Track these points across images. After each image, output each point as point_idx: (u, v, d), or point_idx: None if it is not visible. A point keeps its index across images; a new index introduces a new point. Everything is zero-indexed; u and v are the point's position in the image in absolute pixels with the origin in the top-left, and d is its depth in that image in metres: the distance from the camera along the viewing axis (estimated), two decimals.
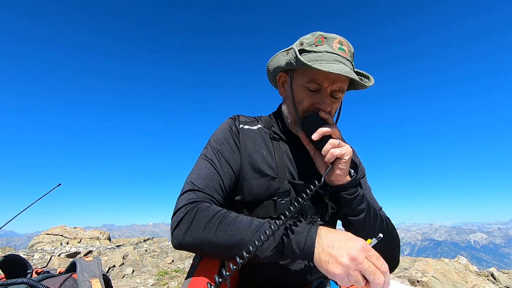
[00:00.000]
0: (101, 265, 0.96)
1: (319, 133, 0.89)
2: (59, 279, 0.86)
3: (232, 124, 1.04)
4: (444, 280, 3.31)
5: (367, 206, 0.93)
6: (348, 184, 0.90)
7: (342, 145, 0.88)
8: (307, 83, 0.93)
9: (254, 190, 0.95)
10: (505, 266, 64.81)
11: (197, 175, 0.90)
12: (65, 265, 2.82)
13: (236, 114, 1.10)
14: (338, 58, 0.90)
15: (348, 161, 0.88)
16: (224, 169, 0.93)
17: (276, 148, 1.01)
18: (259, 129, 1.06)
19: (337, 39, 0.92)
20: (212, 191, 0.88)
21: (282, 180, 0.95)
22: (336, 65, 0.87)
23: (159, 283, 4.23)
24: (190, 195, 0.85)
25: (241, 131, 1.03)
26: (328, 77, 0.90)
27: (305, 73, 0.93)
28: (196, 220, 0.77)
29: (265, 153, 1.00)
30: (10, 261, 0.95)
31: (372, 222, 0.92)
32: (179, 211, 0.81)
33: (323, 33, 0.94)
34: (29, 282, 0.75)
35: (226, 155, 0.96)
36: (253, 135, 1.03)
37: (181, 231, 0.78)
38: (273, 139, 1.04)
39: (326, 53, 0.90)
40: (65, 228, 9.51)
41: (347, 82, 0.95)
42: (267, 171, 0.96)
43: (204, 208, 0.79)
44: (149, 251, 6.71)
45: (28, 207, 1.49)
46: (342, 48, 0.92)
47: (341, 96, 0.97)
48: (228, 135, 1.01)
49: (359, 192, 0.92)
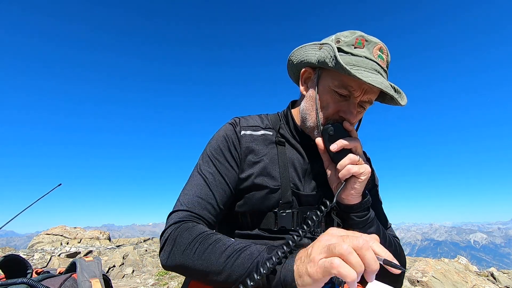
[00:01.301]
0: (101, 265, 0.96)
1: (339, 144, 0.80)
2: (59, 279, 0.86)
3: (231, 132, 0.94)
4: (444, 280, 3.31)
5: (376, 229, 0.86)
6: (359, 205, 0.84)
7: (361, 163, 0.81)
8: (337, 88, 0.83)
9: (254, 202, 0.88)
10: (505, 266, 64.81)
11: (188, 192, 0.86)
12: (65, 265, 2.82)
13: (236, 118, 1.00)
14: (377, 67, 0.81)
15: (364, 182, 0.81)
16: (218, 184, 0.87)
17: (281, 154, 0.92)
18: (263, 135, 0.96)
19: (378, 44, 0.83)
20: (201, 210, 0.83)
21: (285, 190, 0.88)
22: (375, 75, 0.78)
23: (159, 283, 4.23)
24: (177, 215, 0.81)
25: (242, 138, 0.93)
26: (362, 86, 0.81)
27: (337, 76, 0.82)
28: (177, 243, 0.73)
29: (268, 162, 0.91)
30: (10, 261, 0.94)
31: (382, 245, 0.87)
32: (165, 233, 0.78)
33: (364, 35, 0.84)
34: (29, 282, 0.75)
35: (221, 168, 0.89)
36: (255, 142, 0.93)
37: (164, 254, 0.75)
38: (278, 144, 0.94)
39: (365, 59, 0.81)
40: (65, 228, 9.51)
41: (377, 94, 0.86)
42: (269, 182, 0.88)
43: (187, 229, 0.75)
44: (149, 251, 6.71)
45: (28, 207, 1.49)
46: (382, 56, 0.83)
47: (367, 108, 0.89)
48: (224, 145, 0.92)
49: (370, 215, 0.86)
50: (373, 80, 0.75)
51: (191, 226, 0.75)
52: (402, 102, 0.85)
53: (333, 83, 0.83)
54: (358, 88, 0.81)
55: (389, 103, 0.91)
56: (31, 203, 1.50)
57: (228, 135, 0.94)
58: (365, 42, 0.82)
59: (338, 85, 0.82)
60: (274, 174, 0.90)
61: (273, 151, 0.93)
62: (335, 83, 0.83)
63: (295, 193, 0.90)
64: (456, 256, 4.90)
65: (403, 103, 0.86)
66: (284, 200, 0.88)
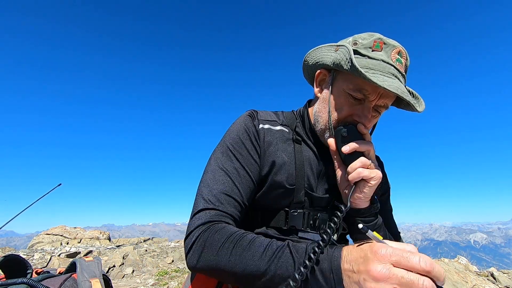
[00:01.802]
0: (101, 265, 0.96)
1: (351, 146, 0.78)
2: (59, 279, 0.86)
3: (250, 123, 0.90)
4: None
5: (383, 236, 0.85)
6: (366, 210, 0.82)
7: (372, 167, 0.79)
8: (352, 91, 0.80)
9: (269, 199, 0.86)
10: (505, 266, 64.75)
11: (212, 188, 0.79)
12: (65, 265, 2.82)
13: (253, 110, 0.95)
14: (394, 71, 0.78)
15: (374, 187, 0.78)
16: (243, 179, 0.82)
17: (297, 152, 0.90)
18: (281, 131, 0.93)
19: (397, 48, 0.80)
20: (229, 207, 0.77)
21: (299, 189, 0.86)
22: (391, 79, 0.76)
23: (159, 283, 4.24)
24: (204, 215, 0.75)
25: (261, 131, 0.90)
26: (377, 90, 0.78)
27: (352, 78, 0.80)
28: (209, 243, 0.69)
29: (286, 159, 0.88)
30: (10, 261, 0.94)
31: None
32: (192, 234, 0.72)
33: (383, 37, 0.81)
34: (29, 282, 0.75)
35: (244, 162, 0.84)
36: (274, 137, 0.90)
37: (194, 256, 0.70)
38: (295, 142, 0.92)
39: (383, 62, 0.78)
40: (65, 228, 9.51)
41: (394, 98, 0.83)
42: (285, 180, 0.86)
43: (217, 230, 0.70)
44: (149, 251, 6.71)
45: (28, 207, 1.49)
46: (400, 60, 0.80)
47: (382, 112, 0.86)
48: (245, 137, 0.87)
49: (377, 221, 0.84)
50: (388, 85, 0.72)
51: (221, 227, 0.71)
52: (419, 108, 0.82)
53: (348, 86, 0.81)
54: (373, 92, 0.79)
55: (405, 109, 0.88)
56: (31, 203, 1.50)
57: (249, 126, 0.89)
58: (383, 45, 0.80)
59: (353, 88, 0.80)
60: (290, 172, 0.87)
61: (290, 148, 0.91)
62: (350, 86, 0.81)
63: (308, 193, 0.88)
64: (456, 256, 4.90)
65: (420, 110, 0.83)
66: (296, 199, 0.87)
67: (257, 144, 0.88)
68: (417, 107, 0.82)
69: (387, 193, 1.02)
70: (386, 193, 1.02)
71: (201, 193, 0.80)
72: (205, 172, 0.85)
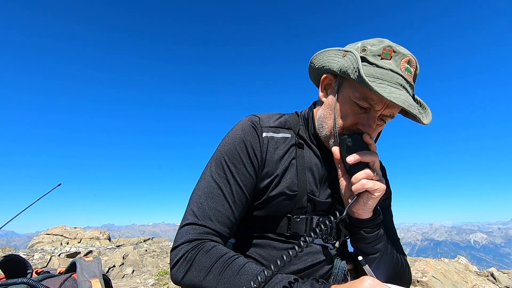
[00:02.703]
0: (101, 265, 0.96)
1: (356, 157, 0.77)
2: (59, 279, 0.86)
3: (249, 133, 0.86)
4: (444, 280, 3.31)
5: (384, 246, 0.85)
6: (369, 221, 0.81)
7: (376, 179, 0.77)
8: (357, 99, 0.79)
9: (270, 207, 0.85)
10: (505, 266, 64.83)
11: (202, 202, 0.78)
12: (65, 265, 2.82)
13: (255, 116, 0.92)
14: (403, 82, 0.76)
15: (377, 198, 0.78)
16: (236, 195, 0.80)
17: (299, 158, 0.88)
18: (283, 138, 0.91)
19: (407, 57, 0.77)
20: (219, 224, 0.77)
21: (301, 196, 0.86)
22: (399, 91, 0.74)
23: (159, 283, 4.24)
24: (192, 229, 0.75)
25: (264, 140, 0.87)
26: (383, 100, 0.77)
27: (358, 87, 0.78)
28: (196, 263, 0.69)
29: (287, 166, 0.87)
30: (10, 261, 0.94)
31: (386, 263, 0.86)
32: (178, 248, 0.73)
33: (393, 45, 0.78)
34: (29, 282, 0.75)
35: (238, 176, 0.82)
36: (276, 146, 0.88)
37: (179, 272, 0.71)
38: (298, 147, 0.90)
39: (391, 72, 0.76)
40: (65, 228, 9.51)
41: (400, 108, 0.81)
42: (287, 188, 0.85)
43: (207, 250, 0.71)
44: (149, 251, 6.71)
45: (28, 207, 1.49)
46: (409, 70, 0.78)
47: (387, 121, 0.85)
48: (242, 149, 0.84)
49: (379, 232, 0.84)
50: (395, 97, 0.71)
51: (210, 247, 0.71)
52: (425, 121, 0.80)
53: (354, 94, 0.80)
54: (379, 101, 0.77)
55: (411, 119, 0.85)
56: (31, 203, 1.50)
57: (247, 138, 0.85)
58: (392, 53, 0.77)
59: (359, 97, 0.78)
60: (292, 178, 0.86)
61: (292, 154, 0.89)
62: (356, 95, 0.79)
63: (311, 199, 0.87)
64: (456, 256, 4.90)
65: (426, 122, 0.81)
66: (299, 205, 0.86)
67: (255, 156, 0.85)
68: (423, 120, 0.80)
69: (388, 199, 1.01)
70: (388, 200, 1.01)
71: (192, 205, 0.79)
72: (199, 182, 0.84)
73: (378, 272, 0.86)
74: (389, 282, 0.81)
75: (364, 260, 0.73)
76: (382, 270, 0.86)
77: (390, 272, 0.87)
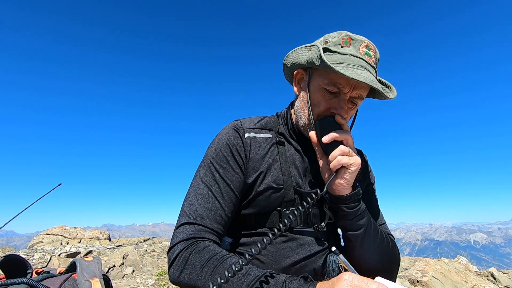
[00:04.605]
0: (101, 265, 0.96)
1: (330, 136, 0.84)
2: (59, 279, 0.86)
3: (232, 135, 0.94)
4: (444, 280, 3.31)
5: (367, 222, 0.88)
6: (349, 196, 0.85)
7: (351, 155, 0.83)
8: (326, 85, 0.86)
9: (259, 203, 0.90)
10: (505, 266, 64.83)
11: (194, 203, 0.84)
12: (65, 265, 2.82)
13: (237, 120, 1.00)
14: (364, 64, 0.84)
15: (354, 173, 0.83)
16: (224, 193, 0.87)
17: (282, 154, 0.95)
18: (265, 138, 0.97)
19: (364, 42, 0.86)
20: (211, 221, 0.82)
21: (287, 189, 0.90)
22: (360, 71, 0.81)
23: (159, 283, 4.24)
24: (186, 229, 0.80)
25: (247, 140, 0.94)
26: (350, 83, 0.84)
27: (326, 74, 0.86)
28: (191, 262, 0.74)
29: (271, 162, 0.93)
30: (10, 261, 0.94)
31: (372, 239, 0.87)
32: (174, 248, 0.78)
33: (351, 34, 0.87)
34: (29, 282, 0.75)
35: (225, 175, 0.88)
36: (259, 145, 0.95)
37: (176, 271, 0.75)
38: (279, 144, 0.97)
39: (352, 56, 0.84)
40: (65, 228, 9.51)
41: (367, 89, 0.89)
42: (273, 183, 0.90)
43: (199, 250, 0.75)
44: (149, 251, 6.71)
45: (28, 207, 1.49)
46: (369, 53, 0.86)
47: (359, 104, 0.91)
48: (227, 150, 0.91)
49: (361, 206, 0.87)
50: (357, 75, 0.78)
51: (203, 247, 0.76)
52: (390, 95, 0.89)
53: (323, 81, 0.87)
54: (346, 84, 0.85)
55: (380, 98, 0.94)
56: (31, 203, 1.50)
57: (231, 141, 0.93)
58: (351, 41, 0.86)
59: (328, 83, 0.86)
60: (277, 174, 0.92)
61: (275, 151, 0.96)
62: (324, 82, 0.87)
63: (297, 191, 0.92)
64: (456, 256, 4.91)
65: (392, 97, 0.90)
66: (287, 198, 0.90)
67: (239, 155, 0.91)
68: (388, 95, 0.89)
69: (372, 184, 1.07)
70: (372, 185, 1.06)
71: (184, 207, 0.86)
72: (190, 186, 0.90)
73: (363, 250, 0.87)
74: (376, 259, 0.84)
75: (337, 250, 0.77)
76: (368, 247, 0.87)
77: (376, 249, 0.88)
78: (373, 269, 0.88)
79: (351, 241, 0.87)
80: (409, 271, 3.72)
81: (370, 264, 0.88)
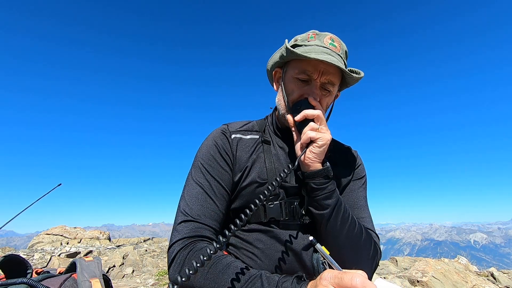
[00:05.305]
0: (101, 265, 0.96)
1: (302, 114, 0.89)
2: (59, 279, 0.86)
3: (219, 137, 1.01)
4: (444, 280, 3.31)
5: (336, 203, 0.87)
6: (317, 172, 0.87)
7: (320, 131, 0.88)
8: (297, 74, 0.95)
9: (245, 198, 0.94)
10: (505, 266, 64.75)
11: (189, 202, 0.89)
12: (65, 265, 2.82)
13: (225, 124, 1.08)
14: (328, 51, 0.92)
15: (322, 147, 0.86)
16: (216, 190, 0.92)
17: (266, 152, 1.01)
18: (251, 139, 1.04)
19: (328, 35, 0.95)
20: (207, 218, 0.87)
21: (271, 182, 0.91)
22: (325, 55, 0.89)
23: (159, 283, 4.24)
24: (184, 227, 0.84)
25: (234, 141, 1.01)
26: (317, 69, 0.92)
27: (296, 65, 0.96)
28: (187, 263, 0.76)
29: (255, 158, 0.98)
30: (10, 261, 0.94)
31: (339, 223, 0.85)
32: (173, 246, 0.82)
33: (317, 31, 0.97)
34: (29, 282, 0.75)
35: (215, 174, 0.94)
36: (244, 145, 1.01)
37: (174, 270, 0.78)
38: (264, 143, 1.02)
39: (316, 46, 0.93)
40: (65, 228, 9.51)
41: (337, 75, 0.95)
42: (258, 177, 0.95)
43: (196, 251, 0.78)
44: (149, 251, 6.71)
45: (28, 207, 1.49)
46: (333, 44, 0.94)
47: (332, 91, 0.97)
48: (214, 151, 0.97)
49: (329, 186, 0.87)
50: (322, 57, 0.86)
51: (200, 248, 0.79)
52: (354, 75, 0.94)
53: (294, 72, 0.96)
54: (314, 70, 0.92)
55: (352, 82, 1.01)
56: (31, 203, 1.50)
57: (218, 142, 0.99)
58: (316, 35, 0.96)
59: (298, 72, 0.95)
60: (261, 168, 0.97)
61: (260, 149, 1.02)
62: (295, 71, 0.96)
63: (282, 185, 0.95)
64: (456, 256, 4.91)
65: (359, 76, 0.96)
66: None
67: (227, 155, 0.98)
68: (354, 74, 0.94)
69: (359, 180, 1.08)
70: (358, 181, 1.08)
71: (180, 207, 0.90)
72: (184, 188, 0.95)
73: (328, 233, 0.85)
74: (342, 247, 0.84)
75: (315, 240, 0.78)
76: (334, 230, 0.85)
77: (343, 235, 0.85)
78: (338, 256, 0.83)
79: (318, 221, 0.87)
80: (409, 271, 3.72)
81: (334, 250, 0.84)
